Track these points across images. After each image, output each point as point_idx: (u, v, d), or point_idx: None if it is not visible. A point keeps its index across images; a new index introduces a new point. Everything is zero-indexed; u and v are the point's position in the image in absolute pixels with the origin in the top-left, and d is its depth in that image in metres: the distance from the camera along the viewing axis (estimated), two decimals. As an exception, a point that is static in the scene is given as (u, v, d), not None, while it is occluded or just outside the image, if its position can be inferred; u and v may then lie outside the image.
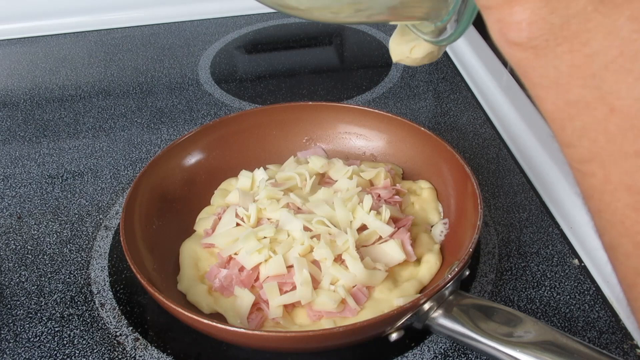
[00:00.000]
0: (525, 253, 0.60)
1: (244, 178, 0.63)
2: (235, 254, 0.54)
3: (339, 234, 0.53)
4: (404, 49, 0.41)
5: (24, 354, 0.53)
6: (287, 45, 1.04)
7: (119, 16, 1.09)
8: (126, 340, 0.53)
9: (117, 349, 0.53)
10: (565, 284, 0.57)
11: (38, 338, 0.54)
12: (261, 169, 0.64)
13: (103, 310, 0.56)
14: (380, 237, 0.55)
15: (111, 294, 0.58)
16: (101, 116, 0.85)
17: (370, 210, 0.56)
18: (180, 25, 1.09)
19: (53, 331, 0.55)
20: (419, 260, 0.55)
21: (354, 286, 0.52)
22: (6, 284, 0.60)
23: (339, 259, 0.53)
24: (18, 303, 0.58)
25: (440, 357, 0.51)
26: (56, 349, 0.53)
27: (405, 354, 0.51)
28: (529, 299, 0.55)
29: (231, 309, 0.52)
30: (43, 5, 1.07)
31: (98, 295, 0.58)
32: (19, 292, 0.59)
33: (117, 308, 0.56)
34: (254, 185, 0.63)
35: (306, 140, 0.70)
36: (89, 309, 0.57)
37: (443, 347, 0.51)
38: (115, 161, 0.76)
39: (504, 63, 0.89)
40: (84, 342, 0.54)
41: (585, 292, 0.56)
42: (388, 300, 0.52)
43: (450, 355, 0.51)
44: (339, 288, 0.51)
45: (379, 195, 0.60)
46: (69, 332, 0.55)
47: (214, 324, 0.46)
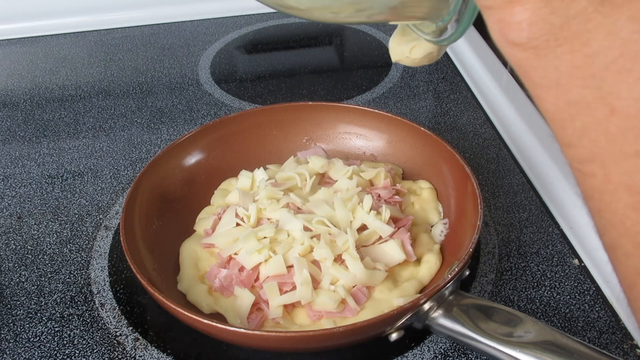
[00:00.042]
0: (525, 253, 0.60)
1: (244, 178, 0.63)
2: (235, 254, 0.54)
3: (339, 234, 0.53)
4: (403, 49, 0.41)
5: (24, 354, 0.53)
6: (287, 45, 1.04)
7: (119, 16, 1.09)
8: (126, 340, 0.53)
9: (117, 349, 0.53)
10: (565, 284, 0.57)
11: (38, 338, 0.54)
12: (261, 169, 0.64)
13: (103, 310, 0.56)
14: (380, 237, 0.55)
15: (111, 294, 0.58)
16: (101, 116, 0.85)
17: (370, 210, 0.56)
18: (180, 25, 1.09)
19: (53, 331, 0.55)
20: (419, 260, 0.55)
21: (354, 286, 0.52)
22: (6, 284, 0.60)
23: (339, 259, 0.53)
24: (18, 303, 0.58)
25: (440, 357, 0.51)
26: (56, 349, 0.53)
27: (405, 354, 0.51)
28: (529, 299, 0.55)
29: (231, 309, 0.52)
30: (43, 5, 1.07)
31: (98, 295, 0.58)
32: (19, 292, 0.59)
33: (117, 308, 0.56)
34: (254, 185, 0.63)
35: (306, 140, 0.70)
36: (89, 309, 0.57)
37: (443, 347, 0.51)
38: (115, 161, 0.76)
39: (504, 63, 0.89)
40: (84, 342, 0.54)
41: (585, 292, 0.56)
42: (388, 300, 0.52)
43: (450, 355, 0.51)
44: (339, 288, 0.51)
45: (379, 195, 0.60)
46: (69, 332, 0.55)
47: (214, 324, 0.46)
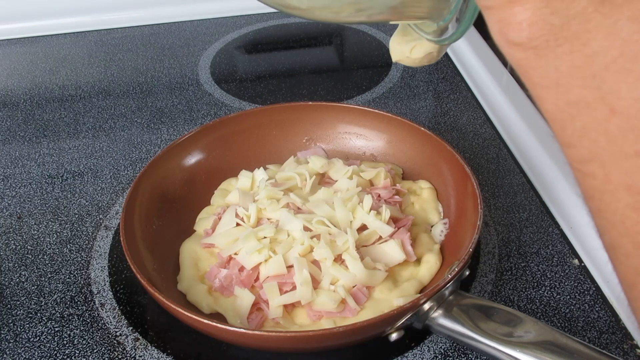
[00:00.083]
0: (525, 253, 0.60)
1: (244, 178, 0.63)
2: (235, 254, 0.54)
3: (339, 234, 0.53)
4: (404, 49, 0.41)
5: (24, 354, 0.53)
6: (287, 45, 1.04)
7: (119, 16, 1.09)
8: (126, 340, 0.53)
9: (117, 349, 0.53)
10: (565, 284, 0.57)
11: (38, 338, 0.54)
12: (261, 169, 0.64)
13: (103, 310, 0.56)
14: (380, 237, 0.55)
15: (111, 294, 0.58)
16: (101, 116, 0.85)
17: (370, 210, 0.56)
18: (180, 25, 1.09)
19: (53, 331, 0.55)
20: (419, 260, 0.55)
21: (354, 286, 0.52)
22: (6, 284, 0.60)
23: (339, 259, 0.53)
24: (18, 303, 0.58)
25: (440, 357, 0.51)
26: (56, 349, 0.53)
27: (405, 354, 0.51)
28: (529, 299, 0.55)
29: (231, 309, 0.52)
30: (43, 5, 1.07)
31: (98, 295, 0.58)
32: (19, 292, 0.59)
33: (117, 308, 0.56)
34: (254, 185, 0.63)
35: (306, 140, 0.70)
36: (89, 309, 0.57)
37: (443, 347, 0.51)
38: (115, 161, 0.76)
39: (504, 63, 0.89)
40: (84, 342, 0.54)
41: (585, 292, 0.56)
42: (388, 300, 0.52)
43: (450, 355, 0.51)
44: (339, 288, 0.51)
45: (379, 195, 0.60)
46: (69, 332, 0.55)
47: (214, 324, 0.46)
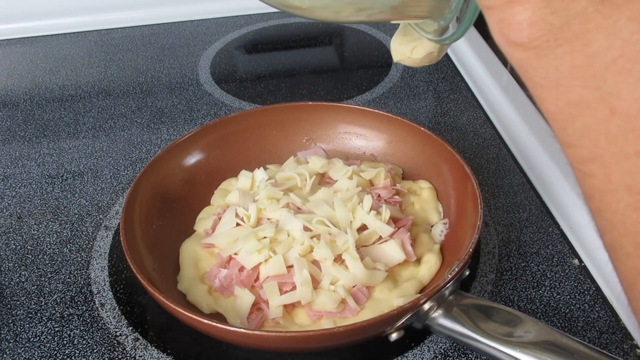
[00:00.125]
0: (525, 253, 0.60)
1: (244, 178, 0.63)
2: (235, 254, 0.54)
3: (339, 234, 0.53)
4: (405, 49, 0.42)
5: (24, 354, 0.53)
6: (287, 45, 1.04)
7: (119, 16, 1.09)
8: (126, 340, 0.53)
9: (117, 349, 0.53)
10: (565, 284, 0.57)
11: (38, 338, 0.54)
12: (261, 169, 0.64)
13: (103, 310, 0.56)
14: (380, 237, 0.55)
15: (111, 294, 0.58)
16: (101, 116, 0.85)
17: (370, 210, 0.56)
18: (180, 25, 1.09)
19: (53, 331, 0.55)
20: (419, 260, 0.55)
21: (354, 286, 0.52)
22: (6, 284, 0.60)
23: (339, 259, 0.53)
24: (18, 303, 0.58)
25: (440, 357, 0.51)
26: (56, 349, 0.53)
27: (405, 354, 0.51)
28: (529, 299, 0.55)
29: (231, 309, 0.52)
30: (43, 5, 1.07)
31: (98, 295, 0.58)
32: (19, 292, 0.59)
33: (117, 308, 0.56)
34: (254, 185, 0.63)
35: (306, 140, 0.70)
36: (89, 309, 0.57)
37: (443, 347, 0.51)
38: (115, 161, 0.76)
39: (504, 63, 0.89)
40: (84, 342, 0.54)
41: (585, 292, 0.56)
42: (388, 300, 0.52)
43: (450, 355, 0.51)
44: (339, 288, 0.51)
45: (379, 195, 0.60)
46: (69, 332, 0.55)
47: (214, 324, 0.46)
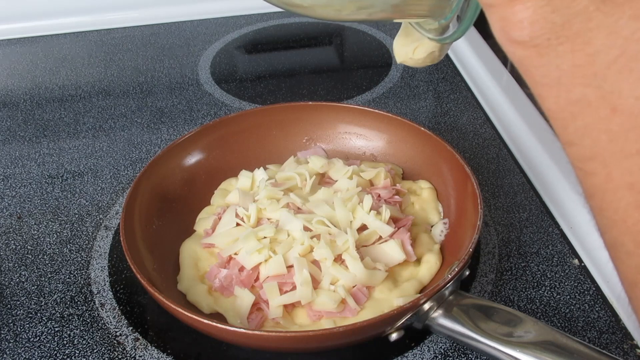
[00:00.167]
0: (525, 253, 0.60)
1: (244, 178, 0.63)
2: (235, 254, 0.54)
3: (339, 234, 0.53)
4: (407, 50, 0.42)
5: (24, 354, 0.53)
6: (287, 45, 1.04)
7: (119, 16, 1.09)
8: (126, 340, 0.53)
9: (117, 349, 0.53)
10: (565, 284, 0.57)
11: (38, 338, 0.54)
12: (261, 169, 0.64)
13: (103, 310, 0.56)
14: (380, 237, 0.55)
15: (111, 294, 0.58)
16: (101, 116, 0.85)
17: (370, 210, 0.56)
18: (180, 25, 1.09)
19: (53, 331, 0.55)
20: (419, 260, 0.55)
21: (354, 286, 0.52)
22: (6, 284, 0.60)
23: (339, 259, 0.52)
24: (18, 303, 0.58)
25: (440, 357, 0.51)
26: (56, 349, 0.53)
27: (405, 354, 0.51)
28: (529, 299, 0.55)
29: (231, 309, 0.52)
30: (43, 5, 1.07)
31: (98, 295, 0.58)
32: (19, 292, 0.59)
33: (117, 308, 0.56)
34: (254, 185, 0.63)
35: (306, 140, 0.70)
36: (89, 309, 0.57)
37: (443, 347, 0.51)
38: (115, 161, 0.76)
39: (504, 63, 0.89)
40: (84, 342, 0.54)
41: (585, 292, 0.56)
42: (388, 300, 0.52)
43: (450, 355, 0.51)
44: (339, 288, 0.51)
45: (379, 195, 0.60)
46: (69, 332, 0.55)
47: (214, 324, 0.46)
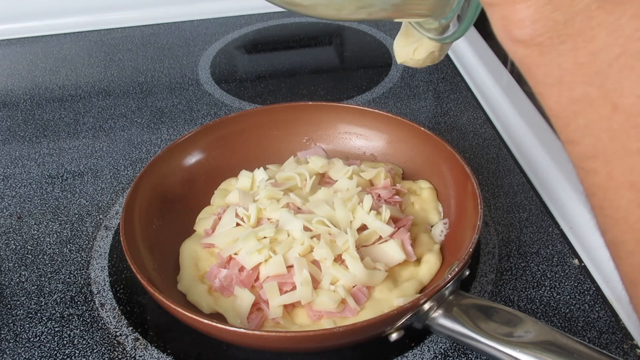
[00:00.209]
0: (525, 253, 0.60)
1: (244, 178, 0.63)
2: (235, 254, 0.54)
3: (339, 234, 0.53)
4: (407, 50, 0.42)
5: (24, 354, 0.53)
6: (287, 45, 1.04)
7: (119, 16, 1.09)
8: (126, 340, 0.53)
9: (117, 349, 0.53)
10: (565, 284, 0.57)
11: (38, 338, 0.54)
12: (261, 169, 0.64)
13: (103, 310, 0.56)
14: (380, 237, 0.55)
15: (111, 294, 0.58)
16: (101, 116, 0.85)
17: (370, 210, 0.56)
18: (180, 25, 1.09)
19: (53, 331, 0.55)
20: (419, 260, 0.55)
21: (354, 286, 0.52)
22: (6, 284, 0.60)
23: (339, 259, 0.52)
24: (18, 303, 0.57)
25: (440, 357, 0.51)
26: (56, 349, 0.53)
27: (405, 354, 0.51)
28: (529, 299, 0.55)
29: (231, 309, 0.52)
30: (43, 5, 1.06)
31: (98, 295, 0.58)
32: (19, 292, 0.59)
33: (117, 308, 0.56)
34: (254, 185, 0.62)
35: (306, 140, 0.70)
36: (89, 309, 0.56)
37: (443, 347, 0.51)
38: (115, 161, 0.76)
39: (504, 63, 0.89)
40: (84, 342, 0.53)
41: (585, 292, 0.56)
42: (388, 300, 0.52)
43: (450, 355, 0.51)
44: (339, 288, 0.51)
45: (379, 195, 0.60)
46: (69, 332, 0.54)
47: (214, 324, 0.46)
